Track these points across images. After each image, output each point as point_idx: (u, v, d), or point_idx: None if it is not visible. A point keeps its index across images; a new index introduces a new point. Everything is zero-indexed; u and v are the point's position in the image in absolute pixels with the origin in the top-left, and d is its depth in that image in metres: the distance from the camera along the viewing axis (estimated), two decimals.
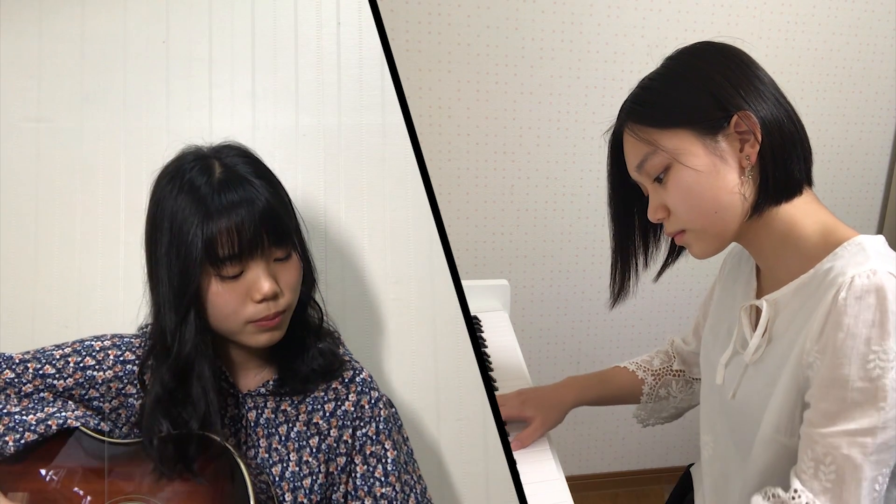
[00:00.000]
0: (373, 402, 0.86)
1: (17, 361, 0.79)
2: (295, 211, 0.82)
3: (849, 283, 0.74)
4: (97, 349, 0.81)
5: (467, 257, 2.06)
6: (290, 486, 0.81)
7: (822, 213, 0.85)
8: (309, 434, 0.84)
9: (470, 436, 1.02)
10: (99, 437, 0.76)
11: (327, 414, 0.85)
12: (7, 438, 0.74)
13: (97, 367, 0.81)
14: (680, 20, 1.99)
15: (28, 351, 0.80)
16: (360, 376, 0.87)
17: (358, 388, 0.86)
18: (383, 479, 0.84)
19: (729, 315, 0.99)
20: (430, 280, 1.03)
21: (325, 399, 0.85)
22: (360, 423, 0.85)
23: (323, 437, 0.84)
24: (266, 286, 0.74)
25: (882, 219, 2.34)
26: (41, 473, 0.75)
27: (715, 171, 0.82)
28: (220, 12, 0.99)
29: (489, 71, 1.93)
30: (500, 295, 1.56)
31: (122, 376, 0.81)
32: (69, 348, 0.81)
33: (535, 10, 1.91)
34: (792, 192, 0.84)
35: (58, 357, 0.80)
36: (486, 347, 1.38)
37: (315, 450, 0.83)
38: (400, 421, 0.89)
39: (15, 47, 0.95)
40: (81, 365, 0.80)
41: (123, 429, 0.81)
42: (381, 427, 0.85)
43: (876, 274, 0.74)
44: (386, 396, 0.88)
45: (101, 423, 0.79)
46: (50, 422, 0.76)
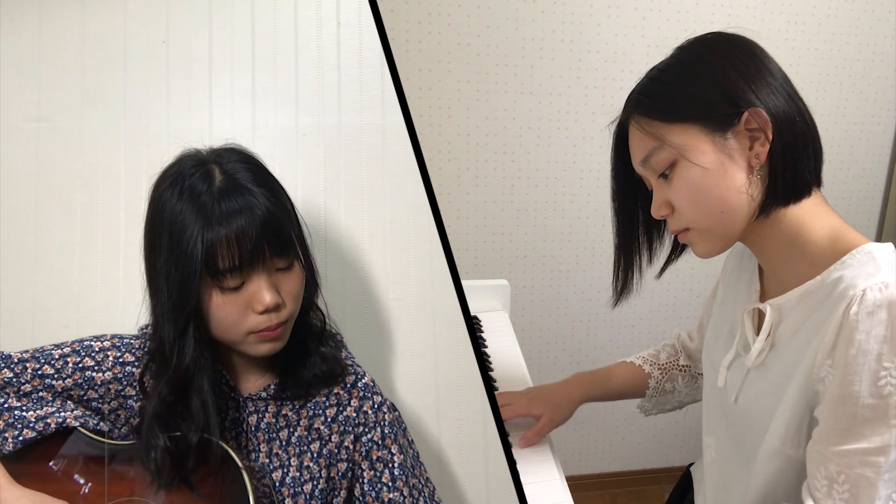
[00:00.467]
0: (376, 406, 0.85)
1: (15, 361, 0.78)
2: (298, 217, 0.81)
3: (860, 297, 0.72)
4: (96, 350, 0.81)
5: (467, 257, 2.06)
6: (291, 491, 0.80)
7: (830, 217, 0.83)
8: (310, 439, 0.83)
9: (470, 436, 1.02)
10: (98, 439, 0.76)
11: (329, 419, 0.84)
12: (6, 435, 0.74)
13: (96, 368, 0.80)
14: (680, 20, 1.99)
15: (27, 350, 0.80)
16: (363, 381, 0.86)
17: (360, 394, 0.85)
18: (391, 484, 0.82)
19: (731, 315, 0.97)
20: (430, 280, 1.03)
21: (327, 404, 0.84)
22: (365, 429, 0.84)
23: (324, 442, 0.83)
24: (268, 298, 0.73)
25: (882, 219, 2.34)
26: (39, 473, 0.74)
27: (723, 170, 0.79)
28: (220, 12, 0.99)
29: (489, 71, 1.92)
30: (500, 295, 1.56)
31: (121, 378, 0.81)
32: (68, 348, 0.80)
33: (535, 10, 1.90)
34: (801, 194, 0.82)
35: (57, 357, 0.79)
36: (486, 347, 1.38)
37: (316, 455, 0.82)
38: (404, 424, 0.88)
39: (15, 47, 0.95)
40: (80, 366, 0.79)
41: (123, 429, 0.81)
42: (386, 432, 0.84)
43: (888, 287, 0.72)
44: (389, 400, 0.87)
45: (101, 424, 0.78)
46: (49, 420, 0.75)
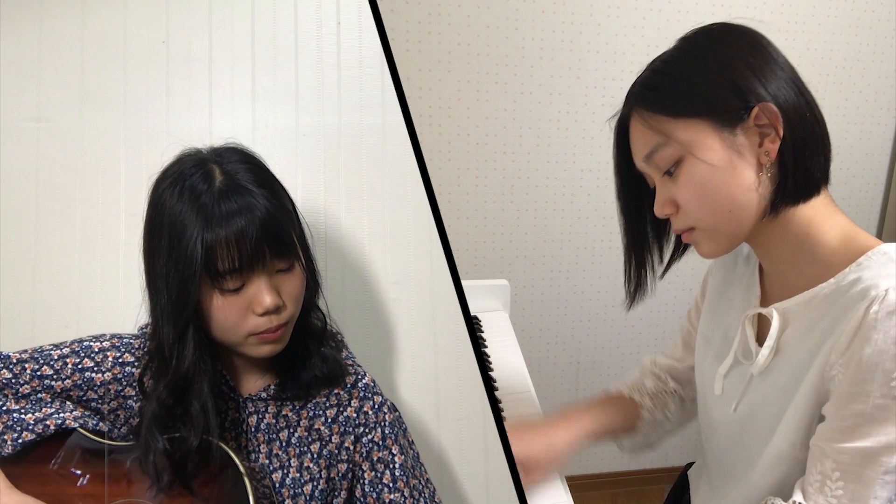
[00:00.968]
0: (376, 407, 0.85)
1: (14, 361, 0.78)
2: (299, 217, 0.80)
3: (883, 297, 0.70)
4: (96, 350, 0.81)
5: (467, 257, 2.06)
6: (291, 492, 0.80)
7: (839, 217, 0.80)
8: (310, 440, 0.82)
9: (470, 436, 1.02)
10: (97, 439, 0.76)
11: (329, 420, 0.83)
12: (6, 437, 0.74)
13: (95, 368, 0.80)
14: (680, 20, 1.99)
15: (26, 350, 0.80)
16: (363, 381, 0.86)
17: (360, 394, 0.85)
18: (392, 485, 0.82)
19: (723, 321, 0.94)
20: (430, 280, 1.03)
21: (327, 405, 0.84)
22: (365, 430, 0.83)
23: (324, 443, 0.83)
24: (268, 300, 0.73)
25: (882, 219, 2.33)
26: (39, 474, 0.74)
27: (731, 167, 0.76)
28: (220, 12, 0.99)
29: (489, 71, 1.92)
30: (500, 295, 1.56)
31: (120, 378, 0.80)
32: (67, 349, 0.80)
33: (535, 10, 1.90)
34: (810, 192, 0.79)
35: (56, 358, 0.79)
36: (486, 347, 1.38)
37: (316, 456, 0.82)
38: (405, 425, 0.88)
39: (15, 47, 0.95)
40: (80, 366, 0.79)
41: (122, 429, 0.81)
42: (386, 432, 0.84)
43: None
44: (389, 401, 0.87)
45: (100, 424, 0.78)
46: (48, 422, 0.75)
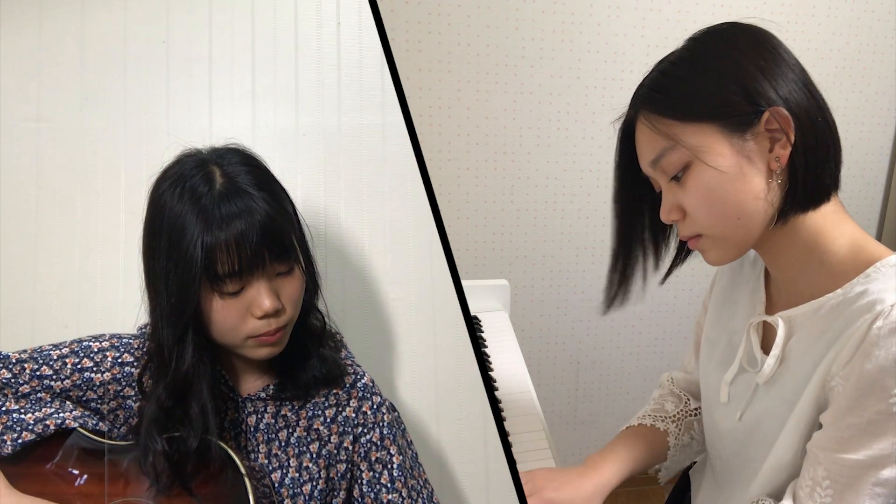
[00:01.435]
0: (375, 407, 0.85)
1: (13, 361, 0.78)
2: (299, 219, 0.80)
3: (888, 313, 0.69)
4: (95, 350, 0.81)
5: (467, 257, 2.06)
6: (290, 492, 0.80)
7: (850, 225, 0.78)
8: (309, 440, 0.82)
9: (470, 436, 1.02)
10: (97, 439, 0.76)
11: (328, 420, 0.83)
12: (5, 437, 0.74)
13: (95, 369, 0.80)
14: (680, 20, 1.99)
15: (25, 350, 0.80)
16: (362, 381, 0.86)
17: (359, 394, 0.85)
18: (389, 485, 0.82)
19: (728, 325, 0.93)
20: (430, 280, 1.03)
21: (326, 405, 0.84)
22: (364, 430, 0.83)
23: (323, 443, 0.83)
24: (267, 303, 0.73)
25: (882, 219, 2.33)
26: (39, 474, 0.74)
27: (741, 173, 0.74)
28: (220, 12, 0.99)
29: (489, 71, 1.92)
30: (500, 295, 1.56)
31: (120, 378, 0.80)
32: (67, 349, 0.80)
33: (535, 10, 1.90)
34: (821, 199, 0.77)
35: (55, 358, 0.79)
36: (486, 347, 1.38)
37: (315, 456, 0.82)
38: (403, 425, 0.88)
39: (15, 47, 0.95)
40: (79, 367, 0.79)
41: (122, 429, 0.81)
42: (385, 432, 0.84)
43: None
44: (388, 401, 0.87)
45: (100, 424, 0.78)
46: (48, 422, 0.75)
